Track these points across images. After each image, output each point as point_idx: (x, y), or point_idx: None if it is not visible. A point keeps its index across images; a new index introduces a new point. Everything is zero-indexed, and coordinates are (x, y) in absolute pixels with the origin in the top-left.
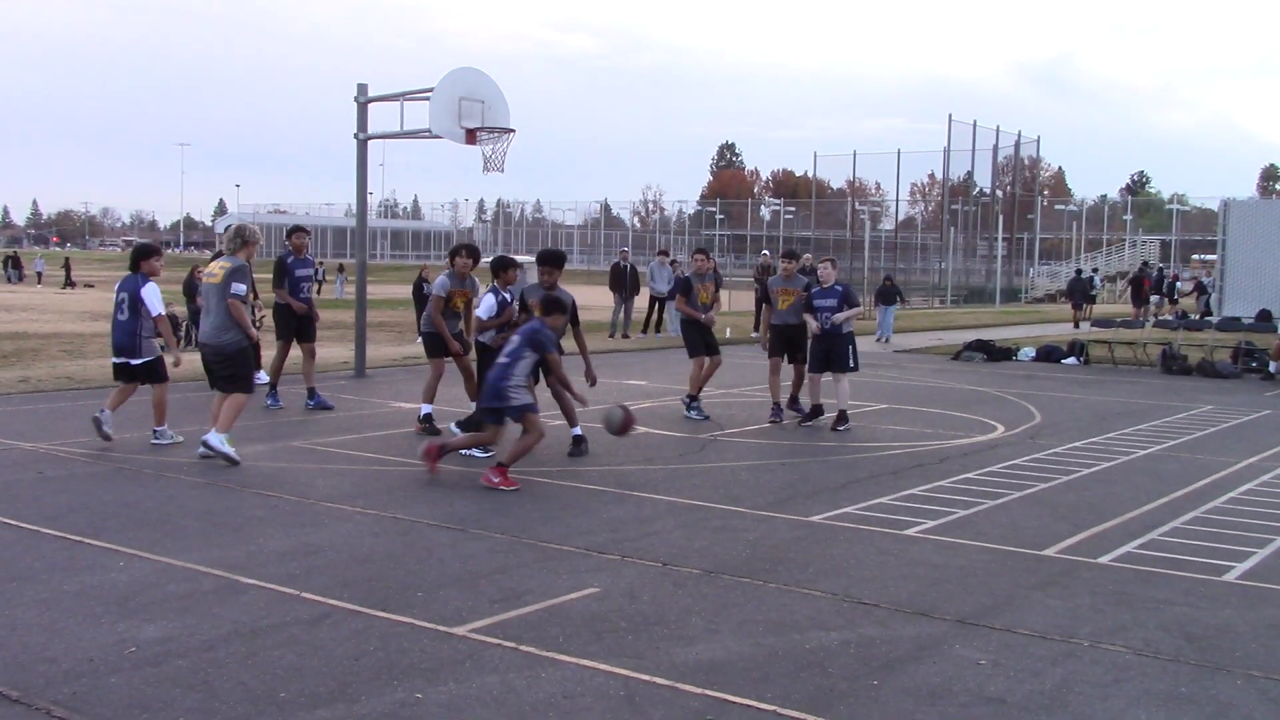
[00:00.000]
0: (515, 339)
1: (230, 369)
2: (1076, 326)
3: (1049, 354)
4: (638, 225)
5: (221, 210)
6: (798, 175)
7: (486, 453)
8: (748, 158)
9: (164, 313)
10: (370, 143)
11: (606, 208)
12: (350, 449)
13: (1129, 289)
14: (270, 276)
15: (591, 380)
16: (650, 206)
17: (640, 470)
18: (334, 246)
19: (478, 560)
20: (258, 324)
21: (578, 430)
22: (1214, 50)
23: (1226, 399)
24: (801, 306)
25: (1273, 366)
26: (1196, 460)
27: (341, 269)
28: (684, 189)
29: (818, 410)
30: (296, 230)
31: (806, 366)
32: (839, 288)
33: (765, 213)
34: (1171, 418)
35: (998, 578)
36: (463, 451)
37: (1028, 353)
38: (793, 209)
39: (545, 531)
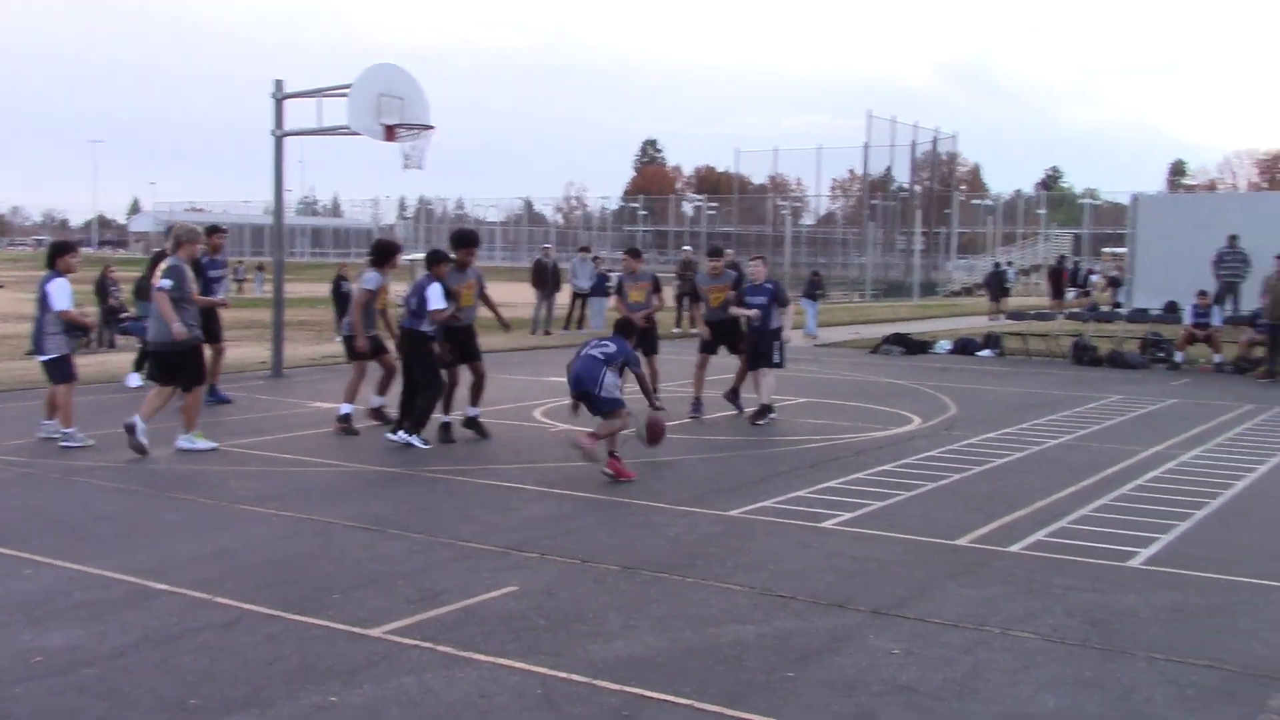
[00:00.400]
0: (611, 346)
1: (186, 362)
2: (993, 319)
3: (965, 346)
4: (561, 221)
5: (136, 209)
6: (720, 171)
7: (425, 444)
8: (670, 154)
9: (68, 308)
10: (289, 140)
11: (529, 204)
12: (266, 450)
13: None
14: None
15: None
16: (573, 203)
17: (559, 468)
18: (252, 244)
19: (395, 561)
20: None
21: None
22: (1125, 49)
23: (1135, 389)
24: (732, 302)
25: (1179, 356)
26: (1105, 449)
27: (261, 268)
28: (607, 185)
29: (767, 407)
30: (215, 230)
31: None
32: (769, 285)
33: (688, 209)
34: (1082, 408)
35: (912, 568)
36: (399, 436)
37: (944, 345)
38: (715, 205)
39: (463, 530)
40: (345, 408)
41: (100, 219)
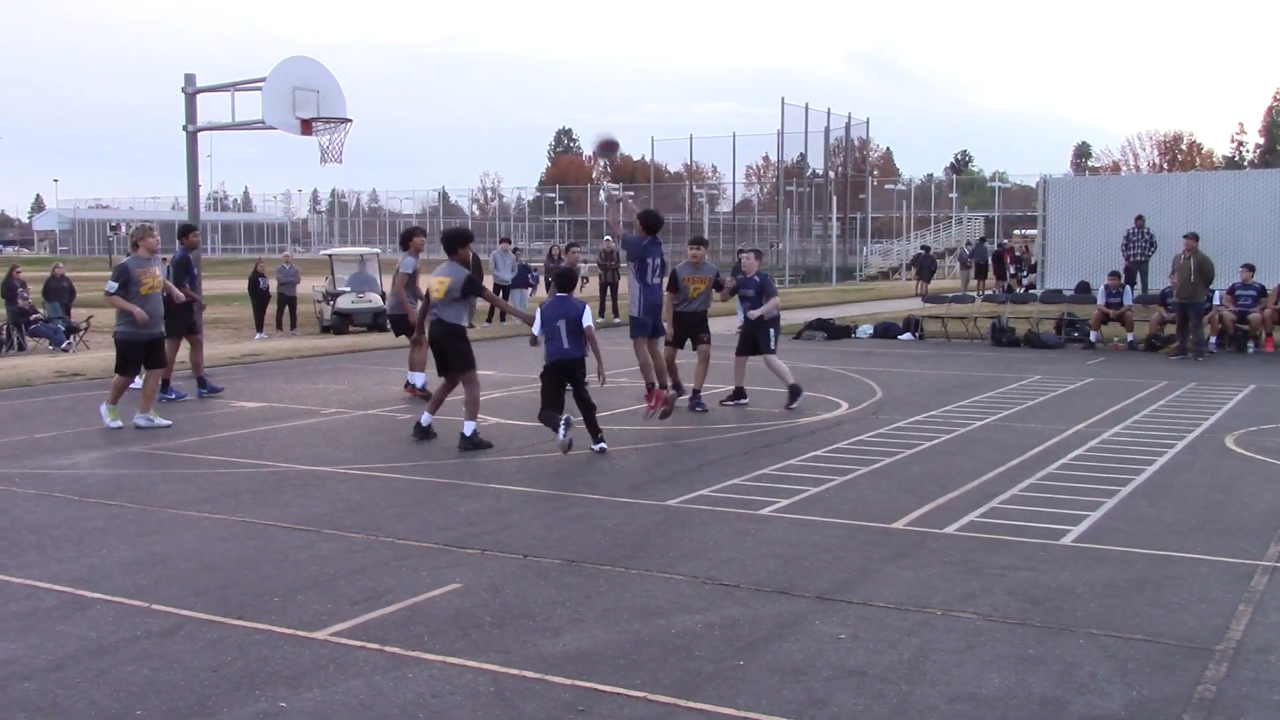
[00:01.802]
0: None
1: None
2: (925, 299)
3: (886, 330)
4: (477, 213)
5: (39, 207)
6: (635, 160)
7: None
8: (585, 143)
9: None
10: (199, 134)
11: (444, 195)
12: (193, 452)
13: (990, 264)
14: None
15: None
16: (489, 194)
17: (494, 461)
18: (163, 241)
19: (334, 561)
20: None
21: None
22: (1028, 34)
23: (1053, 368)
24: (710, 295)
25: (1093, 336)
26: (1029, 429)
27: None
28: (523, 175)
29: (740, 392)
30: (189, 229)
31: (709, 346)
32: (757, 278)
33: (604, 198)
34: (1004, 388)
35: (851, 553)
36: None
37: (866, 330)
38: (632, 193)
39: (401, 528)
40: (416, 378)
41: (1, 217)
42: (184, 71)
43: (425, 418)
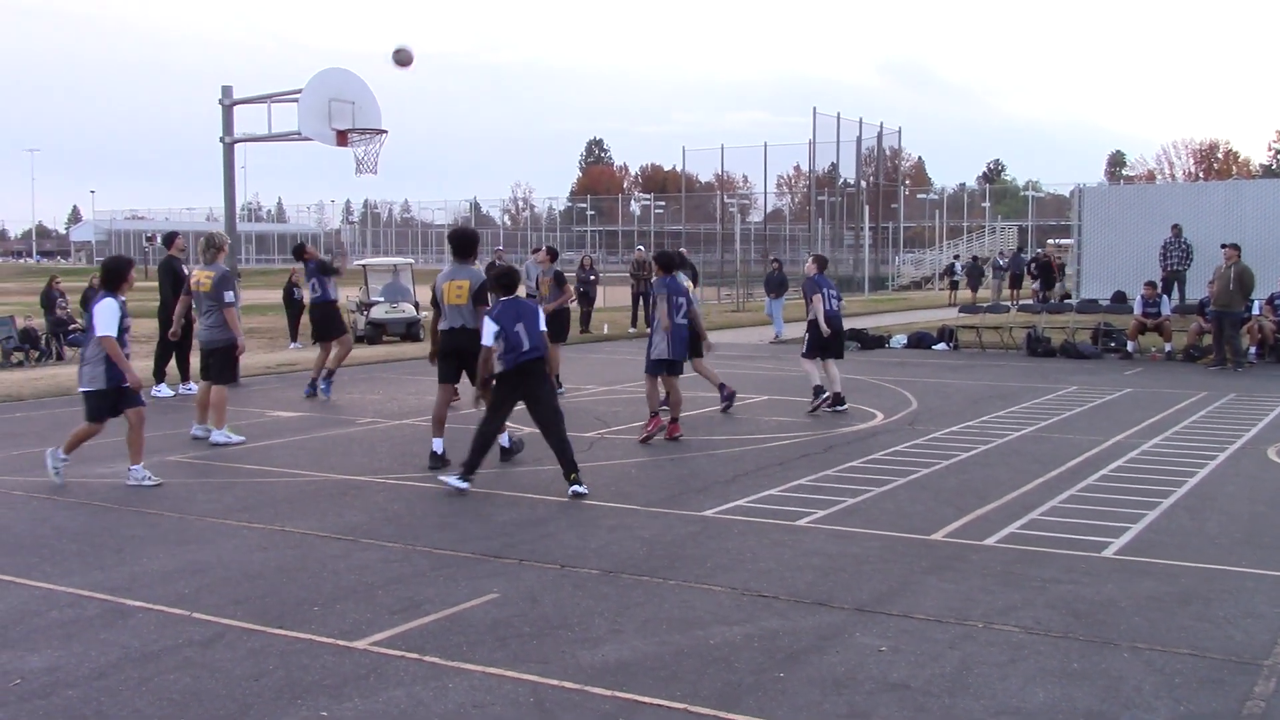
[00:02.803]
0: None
1: (215, 362)
2: (960, 308)
3: (920, 340)
4: (508, 223)
5: (76, 218)
6: (666, 170)
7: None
8: (616, 153)
9: (110, 334)
10: (235, 146)
11: (476, 206)
12: (230, 461)
13: (1025, 273)
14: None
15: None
16: (520, 204)
17: (530, 472)
18: (196, 253)
19: (372, 571)
20: None
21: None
22: (1061, 42)
23: (1090, 379)
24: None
25: (1131, 346)
26: (1067, 440)
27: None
28: (554, 186)
29: (820, 390)
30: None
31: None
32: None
33: (635, 208)
34: (1040, 399)
35: (890, 564)
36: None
37: (900, 340)
38: (663, 203)
39: (439, 538)
40: None
41: (39, 228)
42: (219, 83)
43: (503, 438)
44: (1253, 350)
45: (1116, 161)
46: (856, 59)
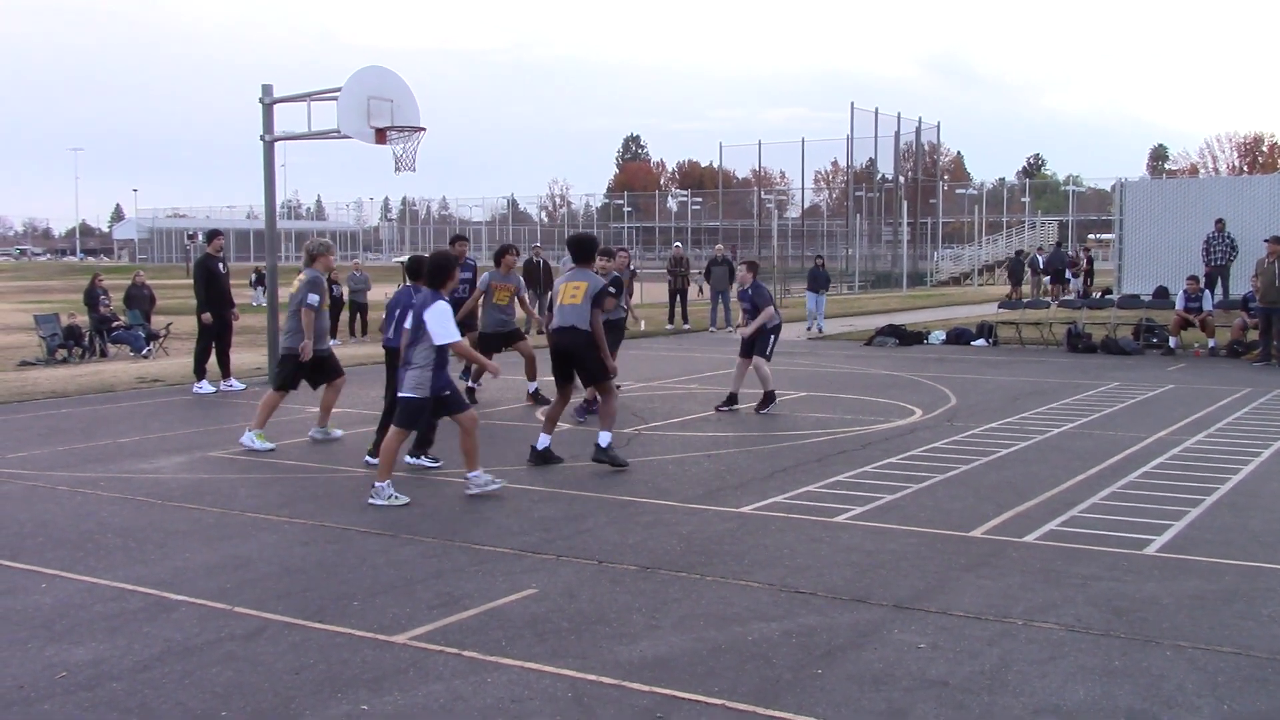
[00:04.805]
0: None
1: (281, 368)
2: (1020, 300)
3: (959, 336)
4: (545, 220)
5: (118, 216)
6: (703, 166)
7: (435, 462)
8: (653, 149)
9: (456, 339)
10: (275, 144)
11: (513, 203)
12: (271, 457)
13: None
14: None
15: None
16: (558, 201)
17: (567, 468)
18: (237, 250)
19: (412, 565)
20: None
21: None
22: (1101, 35)
23: (1131, 375)
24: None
25: (1173, 342)
26: (1108, 436)
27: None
28: (591, 182)
29: (734, 399)
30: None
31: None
32: (749, 290)
33: (673, 204)
34: (1081, 395)
35: (929, 561)
36: (409, 459)
37: (938, 336)
38: (700, 200)
39: (477, 533)
40: (531, 385)
41: (82, 226)
42: (259, 81)
43: (542, 441)
44: None
45: (1159, 155)
46: (896, 53)
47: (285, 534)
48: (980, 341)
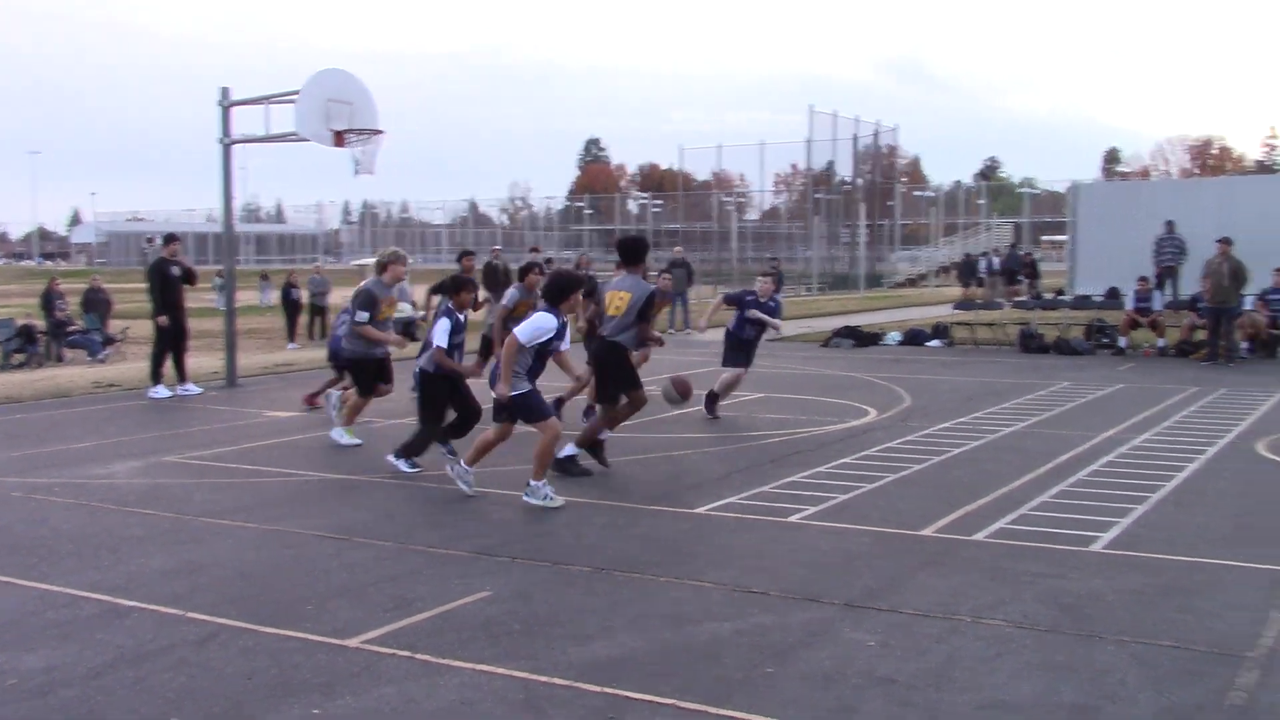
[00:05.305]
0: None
1: (353, 374)
2: (974, 301)
3: (914, 337)
4: (506, 222)
5: (76, 220)
6: (664, 169)
7: (414, 467)
8: (614, 152)
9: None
10: (233, 147)
11: (474, 206)
12: (226, 461)
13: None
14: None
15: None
16: (518, 203)
17: (523, 470)
18: (196, 253)
19: (365, 569)
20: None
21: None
22: (1057, 38)
23: (1082, 374)
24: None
25: (1123, 341)
26: (1059, 435)
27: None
28: (552, 185)
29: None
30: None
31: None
32: (773, 302)
33: (633, 206)
34: (1033, 395)
35: (881, 560)
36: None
37: (894, 337)
38: (660, 202)
39: (432, 536)
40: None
41: (40, 231)
42: (219, 84)
43: (567, 448)
44: (1245, 345)
45: (1112, 158)
46: (856, 57)
47: (240, 539)
48: (935, 342)
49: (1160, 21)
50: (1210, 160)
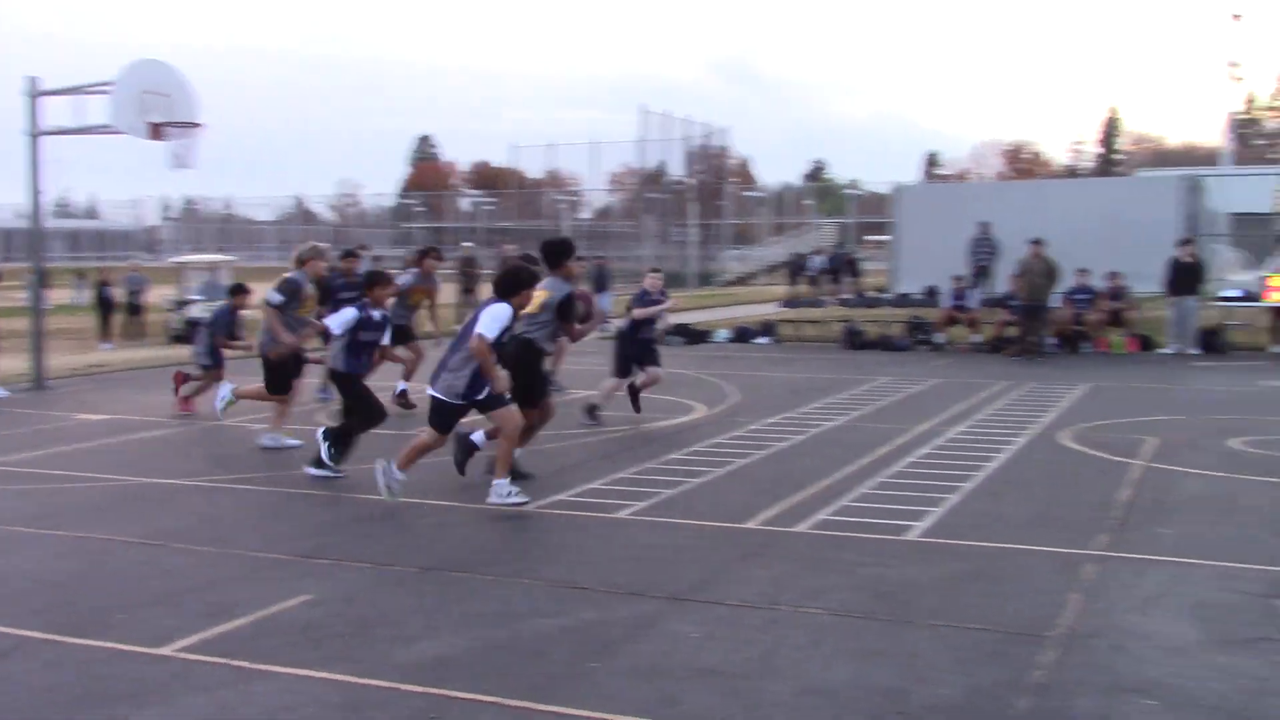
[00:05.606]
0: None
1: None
2: (796, 301)
3: (743, 335)
4: (336, 219)
5: None
6: (496, 167)
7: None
8: (446, 150)
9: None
10: (44, 139)
11: (301, 203)
12: (32, 467)
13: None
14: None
15: None
16: (347, 200)
17: (349, 470)
18: (3, 250)
19: (182, 576)
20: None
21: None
22: (884, 43)
23: (902, 370)
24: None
25: (940, 338)
26: (878, 429)
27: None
28: (382, 182)
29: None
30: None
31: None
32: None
33: (466, 204)
34: (855, 390)
35: (706, 553)
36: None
37: (724, 334)
38: (493, 201)
39: (252, 541)
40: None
41: None
42: (28, 74)
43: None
44: (1053, 341)
45: (932, 161)
46: (687, 57)
47: (45, 547)
48: (763, 339)
49: (977, 30)
50: (1022, 164)
